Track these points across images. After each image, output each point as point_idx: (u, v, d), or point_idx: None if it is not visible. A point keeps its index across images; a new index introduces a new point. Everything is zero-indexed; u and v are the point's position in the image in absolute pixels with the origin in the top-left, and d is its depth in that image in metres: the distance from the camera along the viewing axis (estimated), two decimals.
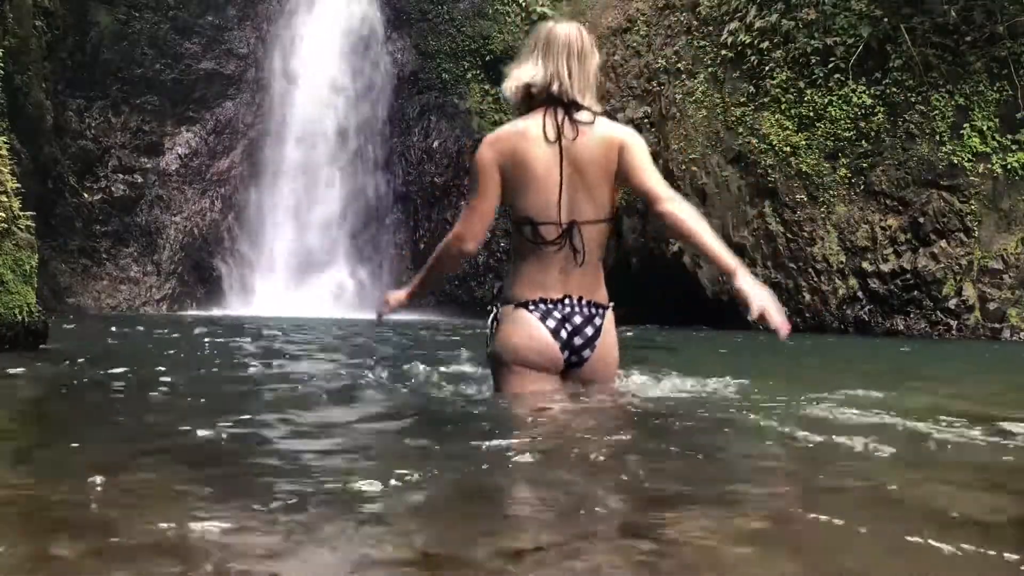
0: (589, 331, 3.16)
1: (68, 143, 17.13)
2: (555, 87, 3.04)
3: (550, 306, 3.12)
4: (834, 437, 2.59)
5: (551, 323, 3.12)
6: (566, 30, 3.10)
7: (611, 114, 16.13)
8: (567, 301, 3.14)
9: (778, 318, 2.80)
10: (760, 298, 2.81)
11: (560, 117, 3.04)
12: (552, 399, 3.16)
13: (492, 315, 3.35)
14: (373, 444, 2.71)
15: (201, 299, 18.48)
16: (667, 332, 10.62)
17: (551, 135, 3.03)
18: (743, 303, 2.84)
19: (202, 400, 3.59)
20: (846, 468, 2.29)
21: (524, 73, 3.10)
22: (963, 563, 1.50)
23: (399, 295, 3.55)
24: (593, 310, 3.18)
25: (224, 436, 2.65)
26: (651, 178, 3.08)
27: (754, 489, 2.08)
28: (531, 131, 3.07)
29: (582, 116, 3.05)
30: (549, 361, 3.16)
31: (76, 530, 1.62)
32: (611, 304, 3.25)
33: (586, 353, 3.18)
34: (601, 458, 2.37)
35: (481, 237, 3.20)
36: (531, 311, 3.13)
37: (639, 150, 3.10)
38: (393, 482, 1.98)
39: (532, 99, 3.14)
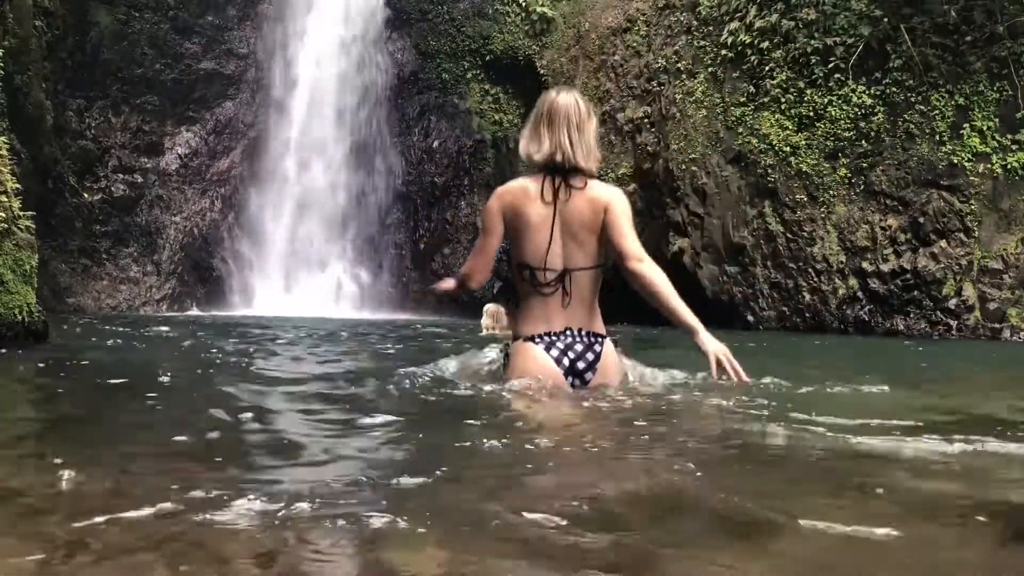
0: (590, 356, 3.50)
1: (68, 143, 17.13)
2: (559, 157, 3.41)
3: (553, 338, 3.50)
4: (826, 432, 2.59)
5: (554, 352, 3.48)
6: (566, 101, 3.46)
7: (611, 114, 16.15)
8: (568, 332, 3.50)
9: (731, 371, 3.30)
10: (719, 352, 3.33)
11: (557, 183, 3.43)
12: (562, 395, 3.37)
13: (503, 350, 3.82)
14: (375, 441, 2.71)
15: (201, 299, 18.48)
16: (667, 332, 10.63)
17: (548, 197, 3.43)
18: (705, 357, 3.36)
19: (200, 400, 3.59)
20: (836, 465, 2.29)
21: (531, 146, 3.50)
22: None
23: (447, 283, 3.92)
24: (592, 339, 3.53)
25: (221, 435, 2.65)
26: (627, 239, 3.42)
27: (746, 482, 2.08)
28: (531, 191, 3.46)
29: (576, 181, 3.43)
30: (554, 387, 3.46)
31: (72, 530, 1.62)
32: (607, 336, 3.61)
33: (588, 376, 3.49)
34: (598, 452, 2.37)
35: (484, 274, 3.64)
36: (536, 343, 3.50)
37: (621, 212, 3.45)
38: (395, 481, 1.98)
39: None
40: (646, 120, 15.76)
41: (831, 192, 13.21)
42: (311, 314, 15.70)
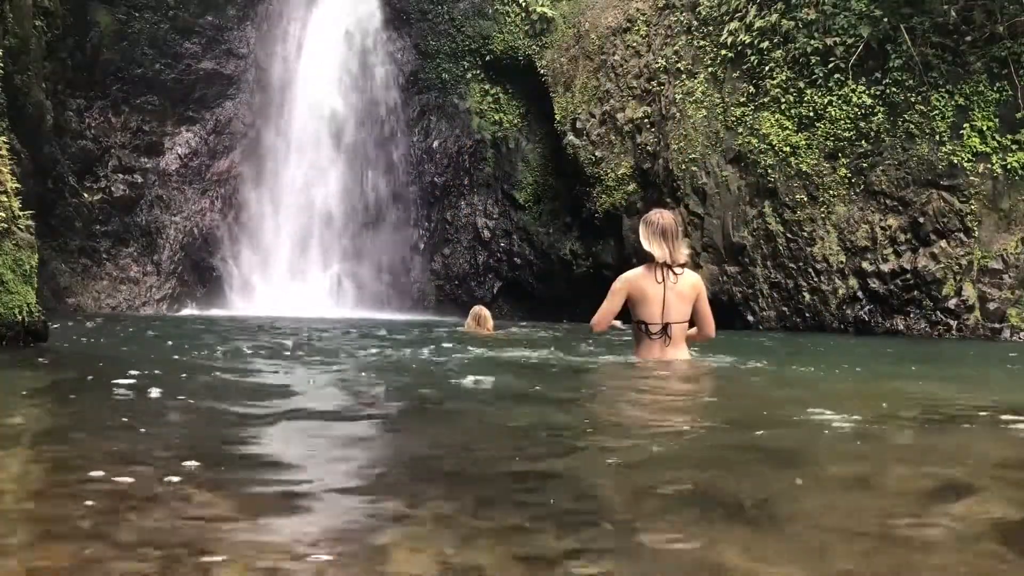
0: None
1: (68, 143, 17.12)
2: (670, 259, 5.31)
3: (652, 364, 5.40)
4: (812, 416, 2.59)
5: None
6: (670, 223, 5.36)
7: (611, 114, 16.13)
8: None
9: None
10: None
11: (665, 272, 5.32)
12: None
13: None
14: (367, 436, 2.71)
15: (201, 299, 18.48)
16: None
17: (659, 279, 5.31)
18: None
19: (199, 401, 3.59)
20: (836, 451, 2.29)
21: (652, 250, 5.33)
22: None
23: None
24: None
25: (219, 435, 2.65)
26: (706, 314, 5.54)
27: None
28: (647, 275, 5.35)
29: (677, 270, 5.34)
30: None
31: (71, 528, 1.62)
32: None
33: None
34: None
35: (606, 325, 5.51)
36: None
37: (704, 294, 5.52)
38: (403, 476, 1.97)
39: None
40: (646, 120, 15.75)
41: (831, 192, 13.20)
42: (311, 314, 15.70)
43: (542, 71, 17.90)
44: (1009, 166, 12.15)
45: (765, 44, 13.81)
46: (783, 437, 2.74)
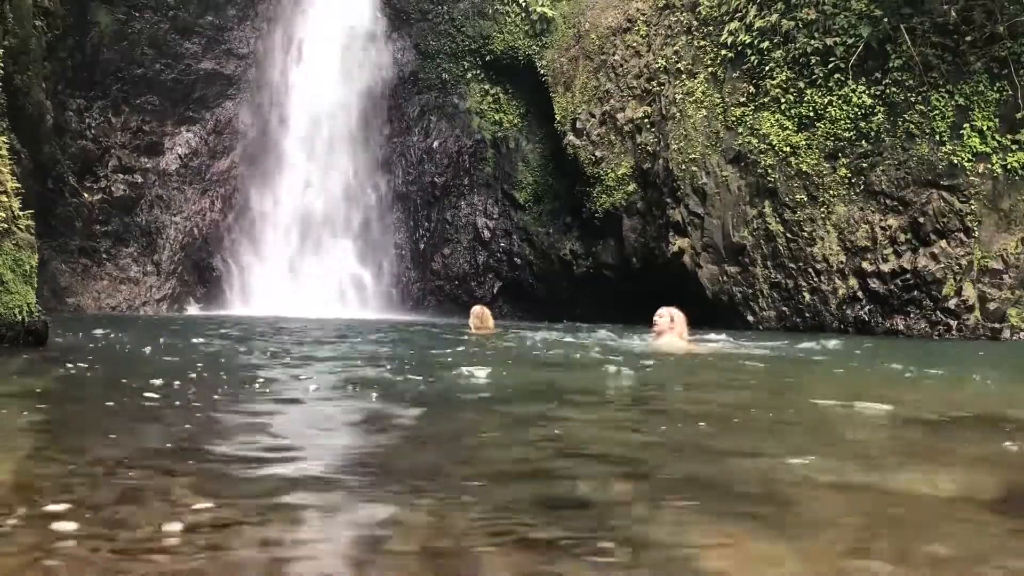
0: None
1: (68, 143, 17.12)
2: (677, 331, 7.94)
3: None
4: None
5: None
6: (676, 313, 7.96)
7: (611, 114, 16.12)
8: None
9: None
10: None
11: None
12: None
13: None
14: (361, 434, 2.70)
15: (201, 299, 18.48)
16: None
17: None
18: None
19: (197, 400, 3.59)
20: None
21: (660, 343, 7.80)
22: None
23: None
24: None
25: (219, 432, 2.65)
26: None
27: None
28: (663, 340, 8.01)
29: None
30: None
31: (70, 526, 1.62)
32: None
33: None
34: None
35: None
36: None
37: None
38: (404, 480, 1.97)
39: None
40: (646, 120, 15.75)
41: (831, 192, 13.20)
42: (310, 314, 15.70)
43: (542, 71, 17.90)
44: (1009, 166, 12.15)
45: (765, 44, 13.81)
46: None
